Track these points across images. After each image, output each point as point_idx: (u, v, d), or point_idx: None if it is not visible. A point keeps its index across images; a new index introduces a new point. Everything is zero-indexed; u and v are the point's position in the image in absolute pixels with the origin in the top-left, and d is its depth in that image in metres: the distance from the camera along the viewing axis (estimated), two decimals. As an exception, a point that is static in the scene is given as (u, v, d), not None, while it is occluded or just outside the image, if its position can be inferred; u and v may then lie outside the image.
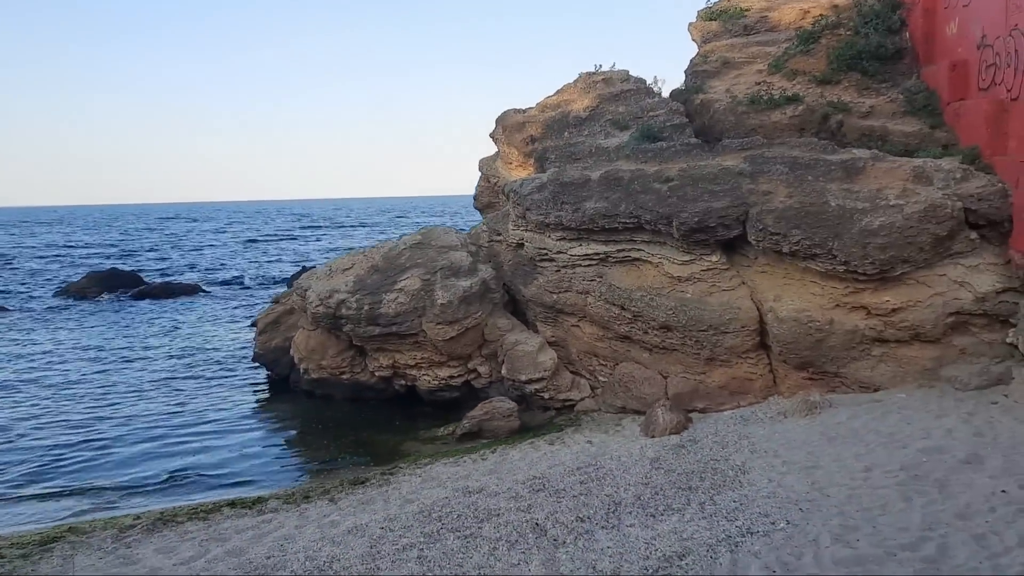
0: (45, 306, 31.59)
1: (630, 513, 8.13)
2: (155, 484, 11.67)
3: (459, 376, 15.00)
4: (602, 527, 7.81)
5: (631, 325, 13.36)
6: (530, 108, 16.93)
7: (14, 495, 11.37)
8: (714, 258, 12.90)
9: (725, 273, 12.89)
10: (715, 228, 12.55)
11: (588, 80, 17.01)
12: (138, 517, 9.76)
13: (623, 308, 13.32)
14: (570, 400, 14.06)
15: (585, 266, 13.96)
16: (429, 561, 7.33)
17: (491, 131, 17.17)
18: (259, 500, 10.15)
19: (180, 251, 60.48)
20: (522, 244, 14.93)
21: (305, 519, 9.18)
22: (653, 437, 11.52)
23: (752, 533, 7.18)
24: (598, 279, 13.76)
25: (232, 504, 10.03)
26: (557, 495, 8.99)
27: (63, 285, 36.47)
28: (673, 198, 12.88)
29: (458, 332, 14.49)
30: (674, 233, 12.74)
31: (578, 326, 14.26)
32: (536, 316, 14.89)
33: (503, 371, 14.34)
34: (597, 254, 13.83)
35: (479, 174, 18.06)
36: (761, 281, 12.74)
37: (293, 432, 14.51)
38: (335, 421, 14.66)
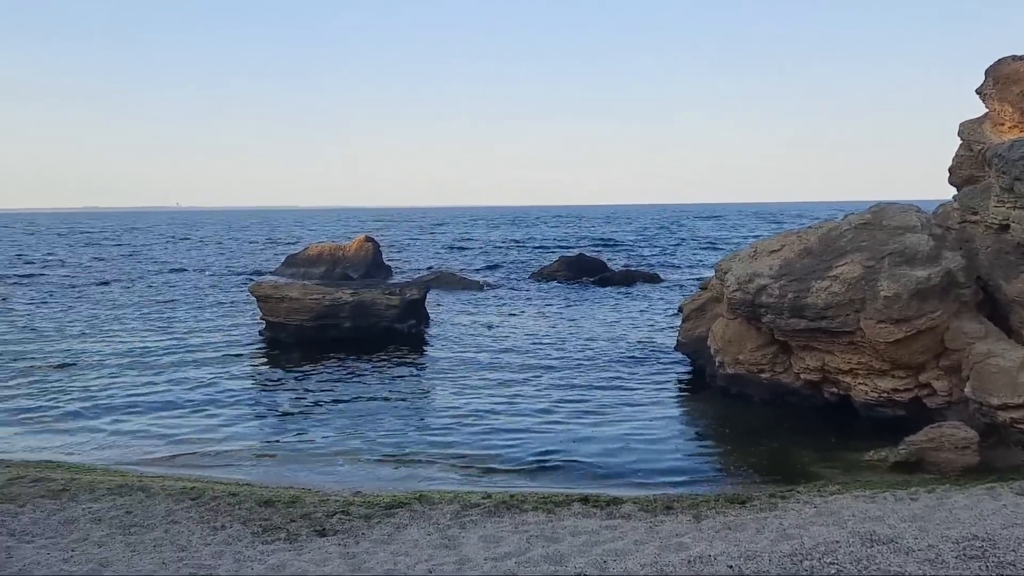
0: (522, 286, 34.17)
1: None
2: (529, 461, 10.98)
3: (906, 390, 11.92)
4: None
5: None
6: (1038, 52, 12.87)
7: (397, 453, 11.55)
8: None
9: None
10: None
11: None
12: (487, 496, 9.03)
13: None
14: (1065, 440, 10.20)
15: (1103, 256, 9.98)
16: (760, 632, 5.20)
17: (978, 86, 13.46)
18: (614, 501, 8.74)
19: (650, 245, 62.07)
20: (1007, 225, 11.30)
21: (653, 534, 7.53)
22: None
23: None
24: (1123, 275, 9.73)
25: (584, 500, 8.77)
26: (999, 569, 6.06)
27: (537, 269, 39.29)
28: None
29: (907, 334, 11.47)
30: None
31: (1086, 339, 10.30)
32: (1021, 322, 11.16)
33: (967, 390, 10.98)
34: (1124, 240, 9.77)
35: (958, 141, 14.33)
36: None
37: (694, 431, 12.86)
38: (746, 426, 12.64)
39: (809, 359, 12.79)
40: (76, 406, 14.21)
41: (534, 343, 20.12)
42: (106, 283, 36.69)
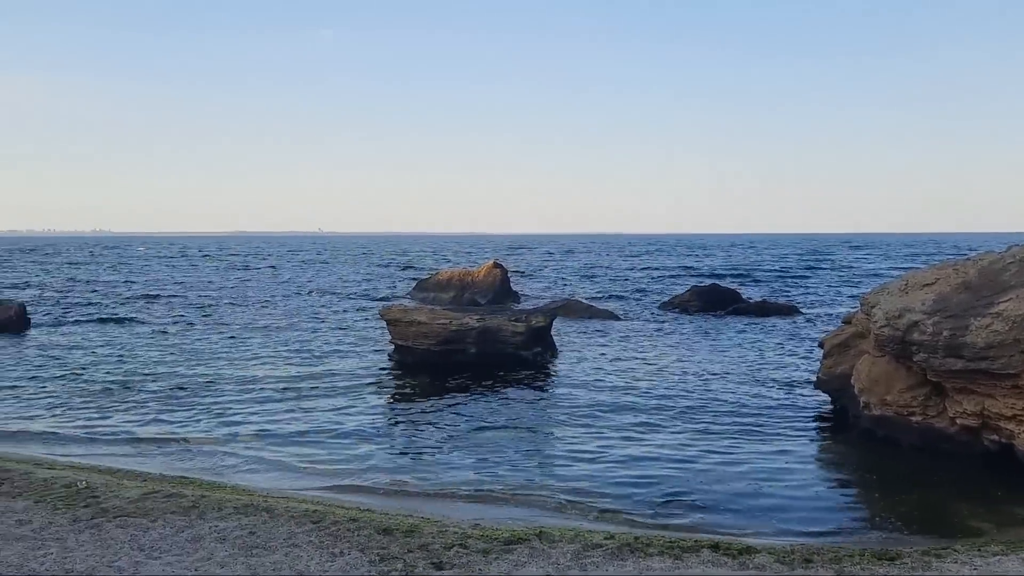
0: (651, 315, 33.44)
1: None
2: (655, 502, 10.45)
3: (1081, 441, 10.71)
4: None
5: None
6: None
7: (517, 486, 11.28)
8: None
9: None
10: None
11: None
12: (610, 536, 8.60)
13: None
14: None
15: None
16: None
17: None
18: (747, 550, 8.14)
19: (790, 275, 59.84)
20: None
21: (789, 590, 6.93)
22: None
23: None
24: None
25: (715, 547, 8.21)
26: None
27: (668, 298, 38.42)
28: None
29: (1082, 379, 10.31)
30: None
31: None
32: None
33: None
34: None
35: None
36: None
37: (836, 477, 11.96)
38: (895, 473, 11.68)
39: (966, 403, 11.72)
40: (216, 432, 14.53)
41: (662, 377, 19.49)
42: (246, 305, 38.42)
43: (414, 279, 49.43)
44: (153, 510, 9.11)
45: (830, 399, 15.44)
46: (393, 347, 21.56)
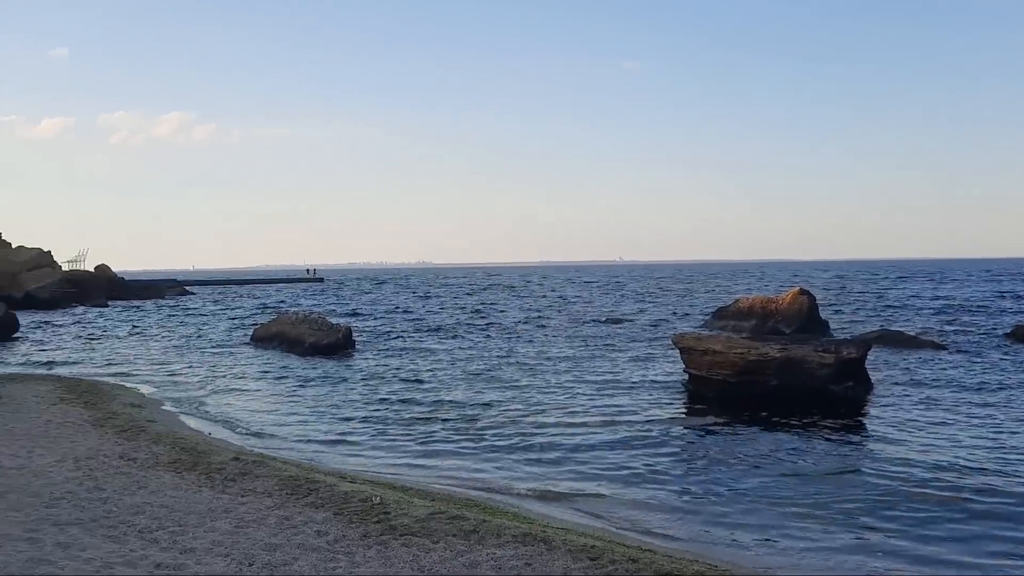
0: (989, 350, 29.20)
1: None
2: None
3: None
4: None
5: None
6: None
7: (822, 537, 9.92)
8: None
9: None
10: None
11: None
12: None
13: None
14: None
15: None
16: None
17: None
18: None
19: None
20: None
21: None
22: None
23: None
24: None
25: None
26: None
27: (1011, 328, 33.51)
28: None
29: None
30: None
31: None
32: None
33: None
34: None
35: None
36: None
37: None
38: None
39: None
40: (504, 459, 14.63)
41: (1007, 429, 16.39)
42: (546, 334, 39.18)
43: (712, 307, 47.84)
44: (436, 531, 9.15)
45: None
46: (687, 377, 20.64)
